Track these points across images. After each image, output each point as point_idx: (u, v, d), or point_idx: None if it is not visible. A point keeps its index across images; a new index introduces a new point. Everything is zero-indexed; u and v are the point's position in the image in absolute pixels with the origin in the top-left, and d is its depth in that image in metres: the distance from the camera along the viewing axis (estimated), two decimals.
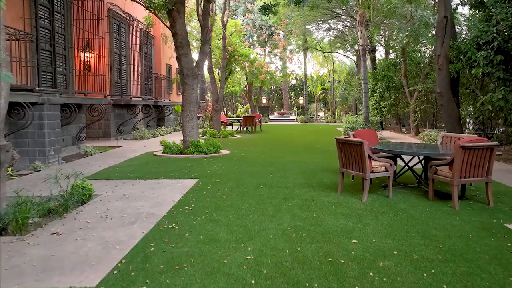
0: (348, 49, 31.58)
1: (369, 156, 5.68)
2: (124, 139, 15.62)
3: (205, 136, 16.85)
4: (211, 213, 5.09)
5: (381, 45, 23.79)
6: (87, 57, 13.19)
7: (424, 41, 16.27)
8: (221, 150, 11.26)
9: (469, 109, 12.28)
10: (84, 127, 12.21)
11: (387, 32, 18.85)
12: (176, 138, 14.51)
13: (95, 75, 13.27)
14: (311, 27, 26.44)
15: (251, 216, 4.94)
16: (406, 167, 6.85)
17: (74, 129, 11.86)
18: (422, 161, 6.78)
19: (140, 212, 5.12)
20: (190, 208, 5.30)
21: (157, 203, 5.62)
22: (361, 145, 5.60)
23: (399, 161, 7.08)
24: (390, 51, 22.03)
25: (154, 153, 10.88)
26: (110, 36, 15.10)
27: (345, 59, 39.93)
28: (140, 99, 17.01)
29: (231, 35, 19.75)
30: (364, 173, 5.68)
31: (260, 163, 9.38)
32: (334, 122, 32.41)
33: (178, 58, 10.57)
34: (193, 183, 7.00)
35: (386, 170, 5.87)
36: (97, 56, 13.67)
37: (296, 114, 37.01)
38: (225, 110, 35.10)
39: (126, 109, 16.13)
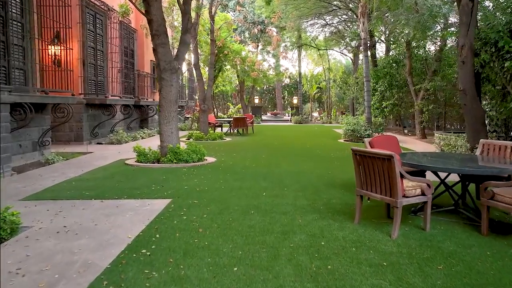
0: (345, 46, 30.09)
1: (401, 175, 4.10)
2: (99, 143, 13.94)
3: (191, 140, 15.22)
4: (177, 262, 3.47)
5: (382, 41, 22.30)
6: (50, 49, 11.49)
7: (431, 34, 14.77)
8: (205, 158, 9.64)
9: (487, 109, 10.78)
10: (48, 130, 10.52)
11: (390, 25, 17.32)
12: (157, 142, 12.84)
13: (64, 70, 11.59)
14: (306, 22, 24.89)
15: (235, 269, 3.32)
16: (437, 185, 5.29)
17: (36, 132, 10.17)
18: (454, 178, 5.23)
19: (73, 261, 3.48)
20: (148, 253, 3.67)
21: (105, 241, 3.99)
22: (390, 160, 4.01)
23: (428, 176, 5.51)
24: (392, 47, 20.51)
25: (126, 161, 9.22)
26: (83, 27, 13.40)
27: (340, 57, 38.48)
28: (119, 98, 15.31)
29: (219, 28, 18.10)
30: (395, 199, 4.09)
31: (251, 174, 7.77)
32: (330, 123, 30.88)
33: (154, 50, 8.94)
34: (164, 206, 5.37)
35: (423, 194, 4.28)
36: (68, 49, 12.00)
37: (290, 114, 35.45)
38: (216, 111, 33.43)
39: (102, 109, 14.42)
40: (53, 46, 11.89)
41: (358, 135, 14.52)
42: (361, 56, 30.30)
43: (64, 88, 11.69)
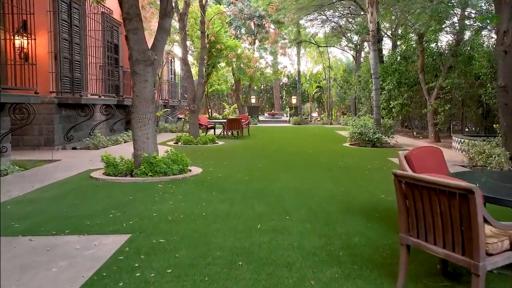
0: (346, 43, 28.51)
1: (484, 220, 2.49)
2: (74, 148, 12.30)
3: (179, 143, 13.59)
4: None
5: (388, 36, 20.72)
6: (13, 40, 9.87)
7: (448, 25, 13.18)
8: (190, 168, 8.02)
9: None
10: (6, 134, 8.90)
11: (401, 16, 15.68)
12: None
13: (26, 64, 9.97)
14: (306, 17, 23.30)
15: None
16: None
17: None
18: None
19: None
20: None
21: None
22: (467, 196, 2.40)
23: None
24: (400, 42, 18.90)
25: (93, 173, 7.56)
26: (54, 16, 11.75)
27: (341, 55, 36.90)
28: (97, 97, 13.64)
29: (211, 19, 16.43)
30: (475, 260, 2.47)
31: (243, 192, 6.14)
32: (331, 123, 29.28)
33: (126, 37, 7.32)
34: (115, 249, 3.75)
35: None
36: (31, 39, 10.40)
37: (288, 115, 33.82)
38: (210, 111, 31.79)
39: (78, 110, 12.76)
40: (17, 37, 10.34)
41: (367, 139, 12.92)
42: (363, 54, 28.82)
43: (31, 86, 10.11)
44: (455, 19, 14.19)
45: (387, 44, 24.90)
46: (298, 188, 6.45)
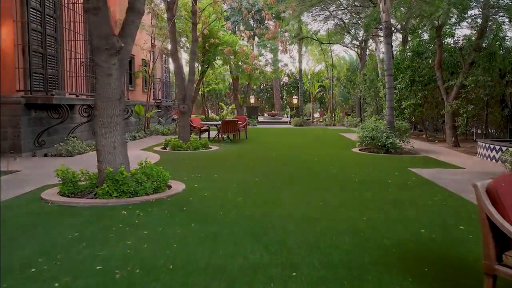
0: (350, 40, 26.96)
1: None
2: (46, 155, 10.75)
3: (167, 149, 12.02)
4: None
5: (397, 30, 19.13)
6: None
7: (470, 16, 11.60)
8: (170, 182, 6.47)
9: None
10: None
11: (413, 6, 14.07)
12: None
13: None
14: (308, 12, 21.77)
15: None
16: None
17: None
18: None
19: None
20: None
21: None
22: None
23: None
24: (410, 37, 17.31)
25: (44, 193, 5.97)
26: (21, 3, 10.20)
27: (344, 54, 35.32)
28: (75, 97, 12.06)
29: (203, 9, 14.84)
30: None
31: (233, 225, 4.54)
32: (334, 125, 27.70)
33: (88, 20, 5.75)
34: None
35: None
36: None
37: (289, 115, 32.25)
38: (208, 111, 30.21)
39: (51, 111, 11.19)
40: None
41: (379, 144, 11.35)
42: (368, 52, 27.24)
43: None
44: (476, 11, 12.66)
45: (395, 40, 23.36)
46: (306, 217, 4.86)
